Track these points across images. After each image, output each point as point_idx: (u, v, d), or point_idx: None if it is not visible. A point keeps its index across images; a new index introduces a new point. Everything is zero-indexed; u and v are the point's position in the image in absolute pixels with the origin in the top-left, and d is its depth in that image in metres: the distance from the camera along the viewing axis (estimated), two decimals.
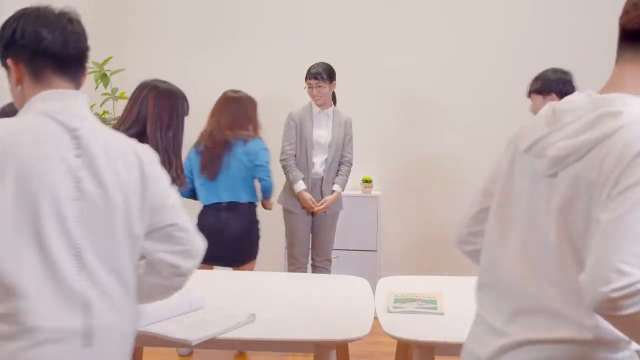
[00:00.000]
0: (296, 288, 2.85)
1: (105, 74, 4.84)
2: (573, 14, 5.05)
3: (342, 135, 4.48)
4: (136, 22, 5.28)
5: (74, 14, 1.66)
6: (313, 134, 4.42)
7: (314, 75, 4.36)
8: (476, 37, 5.09)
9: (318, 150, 4.45)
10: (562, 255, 1.42)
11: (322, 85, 4.35)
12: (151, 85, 2.95)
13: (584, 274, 1.30)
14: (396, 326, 2.31)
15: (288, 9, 5.20)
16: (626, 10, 1.49)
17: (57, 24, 1.61)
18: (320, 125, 4.46)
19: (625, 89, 1.46)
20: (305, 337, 2.22)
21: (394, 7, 5.12)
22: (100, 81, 4.83)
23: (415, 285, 2.84)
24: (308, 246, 4.53)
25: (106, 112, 4.95)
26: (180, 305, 2.34)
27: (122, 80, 4.94)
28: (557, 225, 1.42)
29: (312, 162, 4.43)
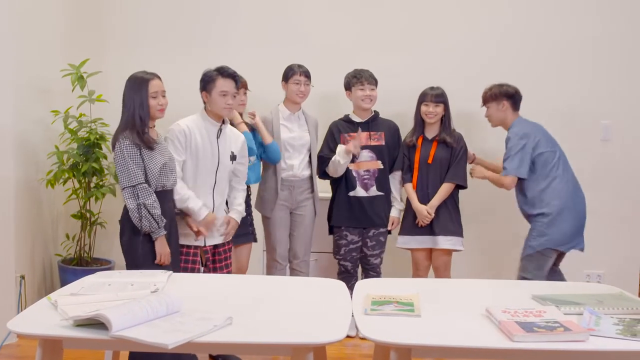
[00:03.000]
0: (274, 291, 2.85)
1: (82, 76, 4.82)
2: (548, 18, 5.10)
3: (317, 136, 4.56)
4: (113, 24, 5.26)
5: None
6: (282, 136, 4.44)
7: (304, 73, 4.45)
8: (461, 39, 5.12)
9: (292, 152, 4.47)
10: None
11: (308, 84, 4.41)
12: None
13: None
14: (373, 329, 2.31)
15: (265, 12, 5.20)
16: None
17: None
18: (293, 127, 4.49)
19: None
20: (282, 341, 2.22)
21: (372, 10, 5.14)
22: (77, 83, 4.80)
23: (393, 287, 2.85)
24: (288, 248, 4.55)
25: (83, 115, 4.93)
26: (157, 309, 2.32)
27: (99, 83, 4.92)
28: None
29: (287, 164, 4.45)
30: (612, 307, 2.54)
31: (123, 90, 3.58)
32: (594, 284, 4.29)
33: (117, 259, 5.14)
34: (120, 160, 3.45)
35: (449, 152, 4.49)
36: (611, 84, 5.01)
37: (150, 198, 3.45)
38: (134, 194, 3.43)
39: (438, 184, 4.48)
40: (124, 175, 3.44)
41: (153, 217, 3.45)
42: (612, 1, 5.05)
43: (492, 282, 3.12)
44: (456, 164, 4.48)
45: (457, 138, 4.52)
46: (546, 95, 5.03)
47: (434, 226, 4.47)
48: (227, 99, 3.82)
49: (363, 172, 4.52)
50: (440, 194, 4.46)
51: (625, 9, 5.04)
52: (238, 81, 3.91)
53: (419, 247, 4.53)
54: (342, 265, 4.62)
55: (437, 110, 4.45)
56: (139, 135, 3.47)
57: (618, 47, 5.04)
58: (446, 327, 2.37)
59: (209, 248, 3.89)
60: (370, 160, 4.52)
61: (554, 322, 2.32)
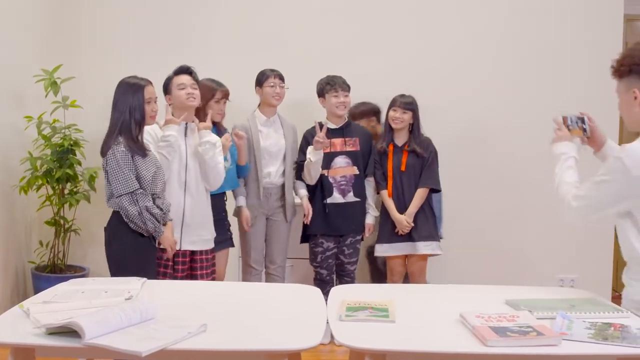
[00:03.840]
0: (249, 297, 2.84)
1: (55, 81, 4.78)
2: (524, 24, 5.15)
3: (293, 141, 4.55)
4: (87, 30, 5.23)
5: None
6: (262, 143, 4.44)
7: (278, 75, 4.48)
8: (435, 45, 5.16)
9: (269, 159, 4.47)
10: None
11: (282, 86, 4.42)
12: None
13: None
14: (348, 335, 2.31)
15: (240, 19, 5.20)
16: None
17: None
18: (269, 133, 4.49)
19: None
20: (256, 347, 2.21)
21: (346, 17, 5.17)
22: (50, 89, 4.77)
23: (368, 293, 2.85)
24: (263, 253, 4.55)
25: (56, 121, 4.89)
26: (130, 316, 2.31)
27: (72, 88, 4.89)
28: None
29: (264, 172, 4.45)
30: (584, 312, 2.56)
31: (115, 94, 3.54)
32: (567, 288, 4.31)
33: (92, 266, 5.11)
34: (114, 167, 3.43)
35: (420, 159, 4.53)
36: (588, 87, 5.06)
37: (149, 201, 3.49)
38: (132, 200, 3.43)
39: (413, 190, 4.50)
40: (120, 183, 3.43)
41: (155, 218, 3.49)
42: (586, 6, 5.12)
43: (466, 287, 3.13)
44: (428, 169, 4.52)
45: (426, 145, 4.55)
46: (522, 101, 5.07)
47: (412, 232, 4.50)
48: (187, 90, 3.86)
49: (339, 178, 4.52)
50: (416, 201, 4.49)
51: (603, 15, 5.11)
52: (193, 73, 3.95)
53: (398, 255, 4.55)
54: (318, 272, 4.61)
55: (404, 117, 4.48)
56: (134, 141, 3.46)
57: (596, 52, 5.09)
58: (420, 333, 2.38)
59: (187, 252, 3.86)
60: (346, 166, 4.53)
61: (527, 326, 2.33)
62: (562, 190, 2.68)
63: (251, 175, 4.47)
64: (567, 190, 2.64)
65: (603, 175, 2.50)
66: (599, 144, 2.85)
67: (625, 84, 2.53)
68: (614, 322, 2.44)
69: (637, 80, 2.48)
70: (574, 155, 2.76)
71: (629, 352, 2.21)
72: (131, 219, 3.45)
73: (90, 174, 4.89)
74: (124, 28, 5.21)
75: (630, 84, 2.50)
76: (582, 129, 2.84)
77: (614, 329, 2.35)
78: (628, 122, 2.61)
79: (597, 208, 2.55)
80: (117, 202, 3.46)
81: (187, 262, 3.92)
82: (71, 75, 4.90)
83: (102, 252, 4.93)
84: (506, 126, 4.79)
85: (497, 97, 4.85)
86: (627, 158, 2.42)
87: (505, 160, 5.15)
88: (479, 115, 5.16)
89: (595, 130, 2.85)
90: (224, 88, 4.30)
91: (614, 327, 2.37)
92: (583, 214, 2.59)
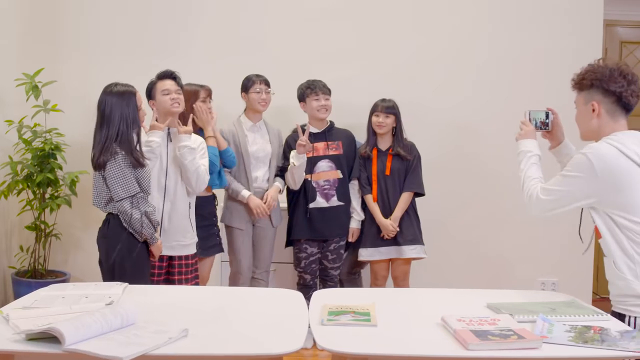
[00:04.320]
0: (231, 302, 2.84)
1: (36, 85, 4.76)
2: (498, 30, 5.18)
3: (279, 146, 4.55)
4: (68, 33, 5.19)
5: None
6: (249, 149, 4.43)
7: (264, 81, 4.47)
8: (415, 50, 5.17)
9: (256, 164, 4.47)
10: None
11: (269, 92, 4.42)
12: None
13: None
14: (329, 339, 2.31)
15: (221, 25, 5.18)
16: None
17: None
18: (255, 138, 4.49)
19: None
20: (237, 352, 2.21)
21: (326, 22, 5.16)
22: (32, 93, 4.74)
23: (350, 297, 2.86)
24: (252, 259, 4.54)
25: (37, 125, 4.86)
26: (111, 322, 2.29)
27: (54, 92, 4.86)
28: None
29: (252, 176, 4.45)
30: (565, 315, 2.58)
31: (104, 102, 3.50)
32: (548, 292, 4.35)
33: (73, 271, 5.09)
34: (116, 171, 3.43)
35: (404, 163, 4.55)
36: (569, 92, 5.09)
37: (149, 206, 3.53)
38: (133, 204, 3.45)
39: (398, 194, 4.52)
40: (122, 186, 3.44)
41: (152, 224, 3.51)
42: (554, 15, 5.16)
43: (447, 291, 3.14)
44: (412, 173, 4.54)
45: (409, 148, 4.58)
46: (503, 107, 5.10)
47: (398, 236, 4.52)
48: (172, 95, 3.85)
49: (323, 182, 4.52)
50: (401, 205, 4.50)
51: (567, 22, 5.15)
52: (177, 79, 3.93)
53: (383, 259, 4.55)
54: (301, 277, 4.61)
55: (387, 121, 4.50)
56: (133, 153, 3.47)
57: (576, 57, 5.13)
58: (402, 337, 2.39)
59: (164, 257, 3.85)
60: (330, 170, 4.53)
61: (508, 330, 2.35)
62: (527, 185, 2.82)
63: (241, 181, 4.46)
64: (534, 185, 2.79)
65: (571, 171, 2.63)
66: (557, 141, 3.04)
67: (584, 97, 2.73)
68: (593, 325, 2.46)
69: (596, 94, 2.68)
70: (538, 153, 2.93)
71: (608, 355, 2.24)
72: (131, 223, 3.45)
73: (72, 178, 4.86)
74: (106, 32, 5.18)
75: (590, 97, 2.70)
76: (544, 123, 3.02)
77: (594, 332, 2.37)
78: (583, 132, 2.79)
79: (564, 202, 2.68)
80: (117, 206, 3.46)
81: (164, 267, 3.89)
82: (52, 79, 4.87)
83: (83, 256, 4.93)
84: (488, 131, 4.81)
85: (478, 103, 4.87)
86: (594, 157, 2.56)
87: (488, 165, 5.16)
88: (461, 121, 5.18)
89: (557, 126, 3.03)
90: (206, 87, 4.29)
91: (594, 330, 2.40)
92: (550, 207, 2.72)
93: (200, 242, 4.07)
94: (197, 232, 4.03)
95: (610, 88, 2.63)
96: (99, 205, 3.54)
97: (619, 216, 2.56)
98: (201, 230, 4.10)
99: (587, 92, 2.70)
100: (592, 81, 2.66)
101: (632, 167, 2.54)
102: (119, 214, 3.46)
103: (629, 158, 2.54)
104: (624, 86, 2.63)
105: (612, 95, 2.64)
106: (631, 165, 2.54)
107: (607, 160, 2.54)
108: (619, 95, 2.63)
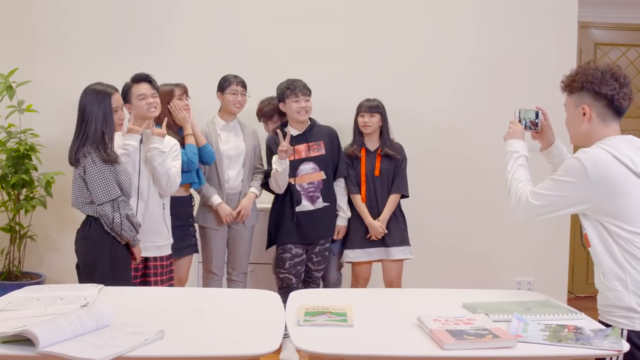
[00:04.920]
0: (208, 303, 2.83)
1: (10, 85, 4.72)
2: (480, 32, 5.21)
3: (254, 146, 4.52)
4: (43, 33, 5.14)
5: None
6: (221, 147, 4.42)
7: (241, 83, 4.45)
8: (397, 50, 5.18)
9: (229, 163, 4.45)
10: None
11: (244, 94, 4.41)
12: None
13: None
14: (306, 339, 2.31)
15: (199, 23, 5.16)
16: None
17: None
18: (229, 138, 4.47)
19: None
20: (214, 353, 2.20)
21: (306, 22, 5.16)
22: (6, 93, 4.70)
23: (326, 298, 2.86)
24: (225, 260, 4.52)
25: (12, 125, 4.82)
26: (86, 324, 2.28)
27: (28, 92, 4.82)
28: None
29: (225, 175, 4.43)
30: (539, 314, 2.60)
31: (81, 102, 3.49)
32: (523, 291, 4.38)
33: (48, 273, 5.04)
34: (96, 174, 3.41)
35: (393, 164, 4.55)
36: (544, 93, 5.14)
37: (130, 209, 3.53)
38: (114, 207, 3.43)
39: (386, 196, 4.52)
40: (103, 190, 3.42)
41: (134, 227, 3.52)
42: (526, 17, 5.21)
43: (424, 291, 3.16)
44: (400, 175, 4.55)
45: (398, 149, 4.58)
46: (481, 108, 5.13)
47: (385, 237, 4.51)
48: (148, 100, 3.83)
49: (307, 185, 4.47)
50: (389, 207, 4.51)
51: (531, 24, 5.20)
52: (153, 82, 3.90)
53: (369, 260, 4.55)
54: (285, 278, 4.50)
55: (372, 120, 4.50)
56: (105, 151, 3.44)
57: (551, 58, 5.17)
58: (378, 337, 2.39)
59: (140, 258, 3.82)
60: (313, 172, 4.48)
61: (483, 329, 2.37)
62: (515, 188, 2.74)
63: (213, 181, 4.44)
64: (522, 188, 2.70)
65: (563, 176, 2.55)
66: (547, 142, 2.96)
67: (575, 100, 2.64)
68: (568, 324, 2.49)
69: (587, 97, 2.59)
70: (525, 154, 2.85)
71: (582, 353, 2.26)
72: (112, 226, 3.43)
73: (47, 179, 4.81)
74: (82, 33, 5.13)
75: (581, 100, 2.61)
76: (533, 123, 2.94)
77: (568, 331, 2.39)
78: (573, 136, 2.72)
79: (555, 207, 2.60)
80: (98, 209, 3.44)
81: (140, 269, 3.87)
82: (27, 79, 4.83)
83: (59, 258, 4.89)
84: (468, 132, 4.83)
85: (459, 103, 4.88)
86: (588, 163, 2.48)
87: (467, 166, 5.18)
88: (441, 122, 5.20)
89: (547, 127, 2.96)
90: (181, 85, 4.27)
91: (568, 328, 2.42)
92: (540, 212, 2.64)
93: (175, 243, 4.05)
94: (172, 233, 4.01)
95: (601, 91, 2.55)
96: (78, 206, 3.52)
97: (611, 224, 2.48)
98: (176, 230, 4.08)
99: (578, 95, 2.61)
100: (583, 84, 2.58)
101: (626, 173, 2.47)
102: (100, 218, 3.44)
103: (623, 164, 2.46)
104: (615, 89, 2.55)
105: (604, 98, 2.56)
106: (625, 172, 2.46)
107: (602, 166, 2.47)
108: (610, 99, 2.55)
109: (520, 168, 2.80)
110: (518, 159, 2.83)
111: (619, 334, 2.37)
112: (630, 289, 2.46)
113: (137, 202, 3.80)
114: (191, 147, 4.14)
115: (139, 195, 3.81)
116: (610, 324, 2.50)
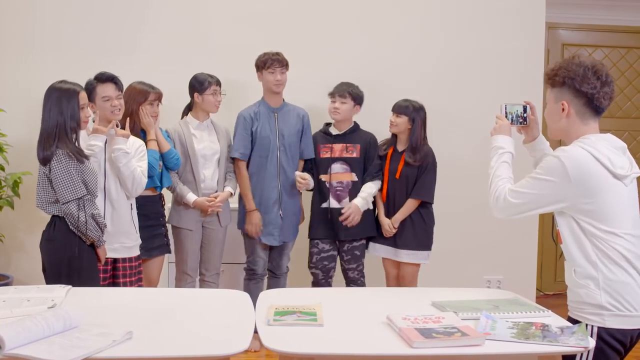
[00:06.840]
0: (177, 303, 2.82)
1: None
2: (451, 30, 5.24)
3: (228, 145, 4.52)
4: (8, 33, 5.06)
5: None
6: (196, 147, 4.40)
7: (218, 82, 4.46)
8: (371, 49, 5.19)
9: (204, 163, 4.43)
10: None
11: (221, 92, 4.43)
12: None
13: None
14: (276, 339, 2.31)
15: (172, 24, 5.12)
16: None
17: None
18: (202, 136, 4.45)
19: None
20: (183, 354, 2.20)
21: (279, 21, 5.14)
22: None
23: (296, 297, 2.86)
24: (198, 260, 4.50)
25: None
26: (53, 325, 2.26)
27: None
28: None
29: (200, 175, 4.41)
30: (508, 312, 2.63)
31: (46, 100, 3.43)
32: (492, 289, 4.41)
33: (16, 274, 4.98)
34: (62, 172, 3.36)
35: (416, 168, 4.46)
36: (512, 93, 5.17)
37: (95, 208, 3.49)
38: (79, 206, 3.39)
39: (404, 199, 4.50)
40: (69, 188, 3.37)
41: (99, 227, 3.48)
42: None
43: (393, 290, 3.19)
44: (421, 180, 4.47)
45: (424, 154, 4.48)
46: (450, 108, 5.15)
47: (397, 239, 4.49)
48: (112, 102, 3.79)
49: (336, 183, 4.52)
50: (404, 210, 4.47)
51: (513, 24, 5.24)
52: (118, 83, 3.85)
53: (385, 257, 4.57)
54: (313, 274, 4.60)
55: (397, 120, 4.45)
56: (73, 146, 3.41)
57: (518, 59, 5.22)
58: (348, 336, 2.40)
59: (109, 260, 3.79)
60: (344, 172, 4.53)
61: (452, 327, 2.39)
62: (495, 185, 2.71)
63: (189, 181, 4.41)
64: (502, 185, 2.68)
65: (542, 175, 2.54)
66: (532, 136, 2.93)
67: (555, 94, 2.63)
68: (535, 321, 2.51)
69: (567, 93, 2.57)
70: (510, 151, 2.83)
71: (549, 350, 2.29)
72: (77, 225, 3.39)
73: (14, 179, 4.75)
74: (49, 31, 5.07)
75: (561, 96, 2.60)
76: (522, 118, 2.92)
77: (536, 328, 2.42)
78: (552, 131, 2.70)
79: (533, 206, 2.58)
80: (63, 208, 3.40)
81: (109, 270, 3.84)
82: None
83: (27, 259, 4.83)
84: (432, 131, 4.81)
85: (425, 104, 4.86)
86: (567, 161, 2.48)
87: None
88: None
89: (533, 121, 2.93)
90: (157, 90, 4.23)
91: (536, 326, 2.45)
92: (518, 210, 2.63)
93: (144, 243, 4.02)
94: (141, 233, 3.98)
95: (582, 89, 2.53)
96: (42, 206, 3.47)
97: (587, 222, 2.48)
98: (145, 230, 4.05)
99: (559, 90, 2.59)
100: (564, 79, 2.55)
101: (604, 173, 2.47)
102: (65, 217, 3.40)
103: (602, 164, 2.47)
104: (596, 88, 2.53)
105: (584, 96, 2.54)
106: (603, 172, 2.47)
107: (581, 165, 2.46)
108: (590, 97, 2.53)
109: (503, 165, 2.77)
110: (502, 155, 2.81)
111: (585, 331, 2.40)
112: (602, 287, 2.47)
113: (105, 203, 3.77)
114: (153, 152, 4.11)
115: (105, 196, 3.78)
116: (580, 320, 2.52)
